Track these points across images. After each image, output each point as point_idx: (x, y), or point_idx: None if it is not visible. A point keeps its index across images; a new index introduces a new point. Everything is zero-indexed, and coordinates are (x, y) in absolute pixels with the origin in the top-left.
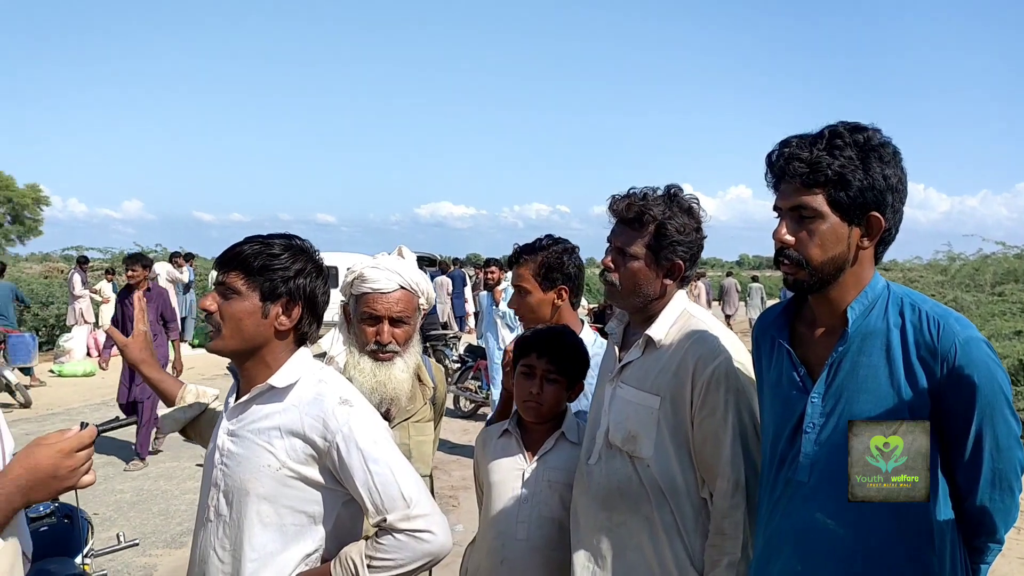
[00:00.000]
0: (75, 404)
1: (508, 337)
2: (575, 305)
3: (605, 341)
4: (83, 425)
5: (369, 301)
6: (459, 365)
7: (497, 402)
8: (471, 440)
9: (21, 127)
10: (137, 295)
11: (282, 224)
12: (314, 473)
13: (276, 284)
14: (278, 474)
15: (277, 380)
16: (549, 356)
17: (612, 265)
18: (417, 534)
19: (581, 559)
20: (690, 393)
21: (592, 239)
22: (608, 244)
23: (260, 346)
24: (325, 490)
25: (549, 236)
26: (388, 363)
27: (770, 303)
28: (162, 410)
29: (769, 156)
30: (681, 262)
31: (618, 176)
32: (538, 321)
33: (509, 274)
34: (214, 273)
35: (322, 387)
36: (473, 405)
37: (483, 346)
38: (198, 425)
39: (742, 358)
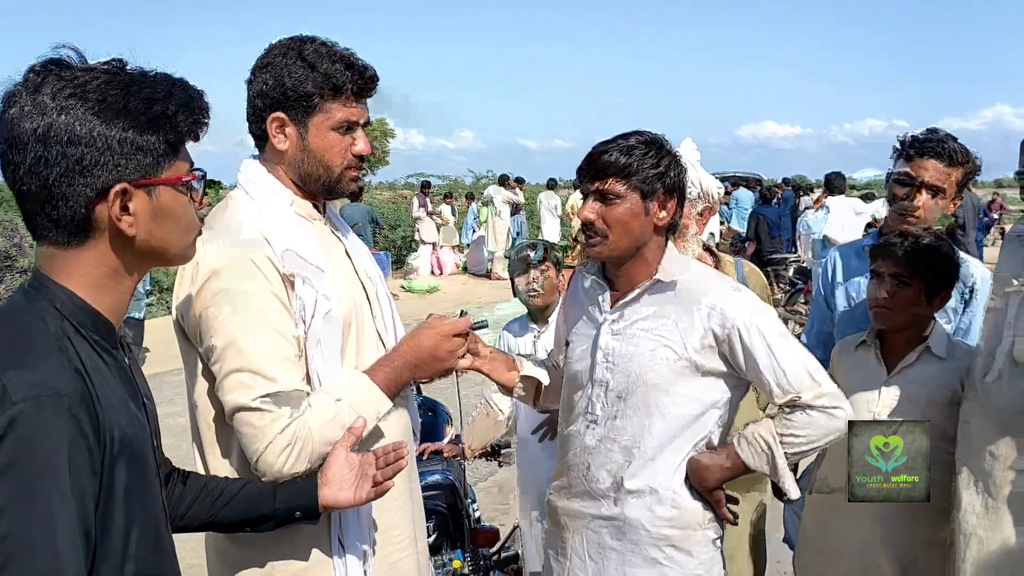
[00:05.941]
0: (423, 316)
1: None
2: None
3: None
4: (461, 313)
5: None
6: (789, 287)
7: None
8: None
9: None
10: None
11: None
12: (710, 361)
13: (651, 181)
14: (675, 365)
15: (663, 274)
16: (895, 257)
17: None
18: (829, 410)
19: (965, 479)
20: None
21: None
22: None
23: (642, 245)
24: (721, 377)
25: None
26: None
27: None
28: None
29: None
30: None
31: (972, 85)
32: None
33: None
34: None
35: (709, 276)
36: (803, 328)
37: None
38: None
39: None
